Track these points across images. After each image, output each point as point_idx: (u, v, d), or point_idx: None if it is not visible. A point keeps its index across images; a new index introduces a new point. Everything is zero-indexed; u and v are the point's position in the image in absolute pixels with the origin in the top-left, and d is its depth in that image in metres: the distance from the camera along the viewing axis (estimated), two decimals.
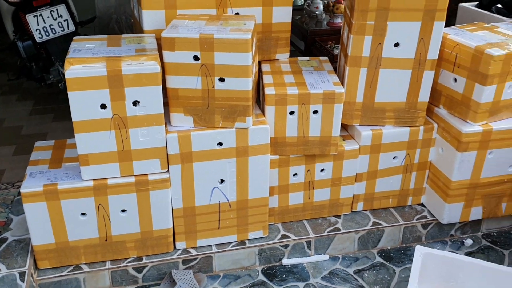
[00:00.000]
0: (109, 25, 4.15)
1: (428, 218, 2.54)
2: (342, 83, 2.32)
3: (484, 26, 2.51)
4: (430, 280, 2.11)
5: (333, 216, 2.55)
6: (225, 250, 2.32)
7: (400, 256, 2.47)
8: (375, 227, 2.48)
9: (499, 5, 2.97)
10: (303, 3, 4.74)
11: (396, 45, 2.21)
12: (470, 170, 2.35)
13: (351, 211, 2.56)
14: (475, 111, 2.24)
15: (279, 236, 2.40)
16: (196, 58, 1.95)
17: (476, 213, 2.50)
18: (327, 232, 2.44)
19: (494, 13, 2.95)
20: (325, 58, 2.58)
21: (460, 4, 3.23)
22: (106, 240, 2.16)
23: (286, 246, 2.39)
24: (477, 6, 3.15)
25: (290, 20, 2.39)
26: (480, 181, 2.40)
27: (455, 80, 2.31)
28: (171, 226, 2.23)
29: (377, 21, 2.16)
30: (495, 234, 2.64)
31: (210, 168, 2.15)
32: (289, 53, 2.49)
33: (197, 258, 2.29)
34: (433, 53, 2.23)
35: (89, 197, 2.05)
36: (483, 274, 2.05)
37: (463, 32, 2.39)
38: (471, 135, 2.26)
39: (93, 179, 2.03)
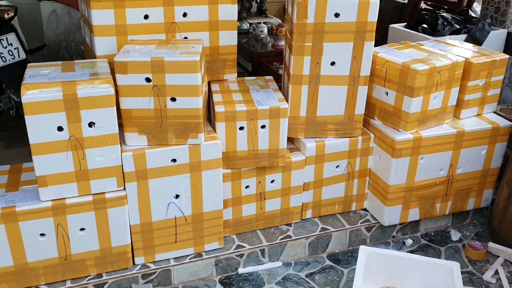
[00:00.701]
0: (59, 52, 4.19)
1: (371, 222, 2.75)
2: (287, 100, 2.50)
3: (410, 44, 2.78)
4: (374, 277, 2.29)
5: (285, 224, 2.70)
6: (183, 263, 2.41)
7: (348, 258, 2.65)
8: (323, 232, 2.66)
9: (424, 25, 3.28)
10: (248, 27, 4.97)
11: (333, 63, 2.42)
12: (405, 174, 2.58)
13: (301, 218, 2.73)
14: (406, 120, 2.48)
15: (234, 247, 2.53)
16: (148, 80, 2.08)
17: (413, 214, 2.73)
18: (280, 240, 2.59)
19: (420, 32, 3.26)
20: (270, 77, 2.77)
21: (391, 25, 3.53)
22: (65, 259, 2.22)
23: (241, 256, 2.52)
24: (405, 26, 3.45)
25: (236, 43, 2.57)
26: (415, 184, 2.63)
27: (387, 93, 2.55)
28: (130, 242, 2.31)
29: (314, 43, 2.37)
30: (432, 233, 2.87)
31: (165, 184, 2.26)
32: (236, 74, 2.66)
33: (156, 272, 2.37)
34: (365, 70, 2.46)
35: (48, 217, 2.11)
36: (420, 268, 2.26)
37: (391, 50, 2.65)
38: (403, 142, 2.49)
39: (52, 200, 2.10)
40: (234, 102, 2.36)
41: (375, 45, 2.64)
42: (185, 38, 2.42)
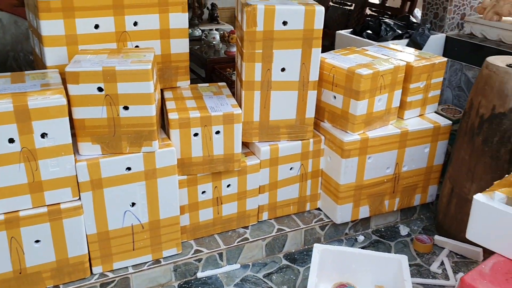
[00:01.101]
0: (7, 63, 4.08)
1: (324, 220, 2.85)
2: (240, 105, 2.57)
3: (355, 50, 2.92)
4: (328, 274, 2.39)
5: (242, 227, 2.76)
6: (141, 270, 2.43)
7: (303, 257, 2.74)
8: (279, 233, 2.73)
9: (369, 31, 3.43)
10: (201, 34, 5.01)
11: (283, 70, 2.51)
12: (354, 173, 2.70)
13: (258, 221, 2.80)
14: (353, 122, 2.60)
15: (192, 251, 2.56)
16: (100, 89, 2.09)
17: (364, 211, 2.85)
18: (237, 243, 2.64)
19: (365, 38, 3.41)
20: (223, 83, 2.83)
21: (337, 31, 3.68)
22: (20, 273, 2.19)
23: (199, 260, 2.55)
24: (351, 32, 3.60)
25: (188, 51, 2.61)
26: (364, 182, 2.75)
27: (335, 97, 2.66)
28: (87, 251, 2.30)
29: (264, 50, 2.44)
30: (382, 229, 3.01)
31: (121, 193, 2.27)
32: (189, 81, 2.71)
33: (115, 280, 2.37)
34: (314, 75, 2.56)
35: (1, 231, 2.07)
36: (371, 262, 2.37)
37: (338, 56, 2.77)
38: (351, 143, 2.61)
39: (4, 213, 2.07)
40: (188, 109, 2.40)
41: (325, 51, 2.76)
42: (137, 46, 2.44)
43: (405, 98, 2.80)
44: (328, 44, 4.04)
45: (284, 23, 2.41)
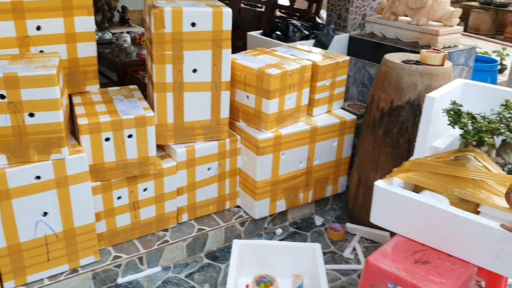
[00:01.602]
0: None
1: (244, 217, 2.92)
2: (152, 108, 2.56)
3: (265, 50, 3.02)
4: (248, 267, 2.45)
5: (161, 230, 2.76)
6: (58, 281, 2.35)
7: (225, 254, 2.79)
8: (200, 233, 2.76)
9: (278, 32, 3.56)
10: (111, 37, 4.90)
11: (194, 71, 2.55)
12: (270, 170, 2.80)
13: (177, 222, 2.81)
14: (266, 121, 2.69)
15: (111, 258, 2.52)
16: (2, 96, 2.00)
17: (281, 205, 2.96)
18: (157, 246, 2.64)
19: (274, 39, 3.53)
20: (135, 86, 2.80)
21: (248, 33, 3.77)
22: None
23: (119, 266, 2.52)
24: (261, 33, 3.71)
25: (96, 54, 2.57)
26: (279, 178, 2.86)
27: (247, 97, 2.74)
28: None
29: (174, 51, 2.46)
30: (299, 221, 3.14)
31: (31, 203, 2.18)
32: (99, 85, 2.66)
33: None
34: (226, 76, 2.62)
35: None
36: (288, 252, 2.47)
37: (248, 56, 2.85)
38: (265, 141, 2.70)
39: None
40: (98, 114, 2.36)
41: (238, 51, 2.83)
42: (41, 51, 2.36)
43: (313, 96, 2.94)
44: (242, 45, 4.13)
45: (193, 24, 2.44)
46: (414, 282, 1.76)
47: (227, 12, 2.50)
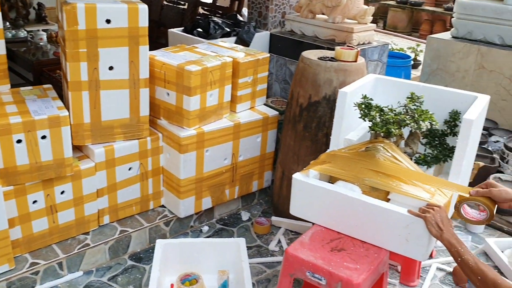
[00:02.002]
0: None
1: (169, 216, 2.89)
2: (68, 107, 2.47)
3: (185, 47, 3.00)
4: (173, 267, 2.43)
5: (82, 233, 2.67)
6: None
7: (149, 255, 2.74)
8: (123, 234, 2.70)
9: (199, 29, 3.55)
10: (26, 35, 4.65)
11: (111, 68, 2.48)
12: (193, 167, 2.79)
13: (99, 225, 2.73)
14: (187, 118, 2.68)
15: (27, 265, 2.41)
16: None
17: (206, 203, 2.96)
18: (77, 250, 2.55)
19: (195, 36, 3.52)
20: (49, 85, 2.69)
21: (169, 30, 3.73)
22: None
23: (36, 273, 2.41)
24: (183, 30, 3.68)
25: (5, 53, 2.44)
26: (204, 175, 2.86)
27: (168, 94, 2.71)
28: None
29: (89, 48, 2.39)
30: (226, 217, 3.16)
31: None
32: (9, 85, 2.53)
33: None
34: (144, 73, 2.58)
35: None
36: (213, 249, 2.48)
37: (168, 53, 2.82)
38: (187, 138, 2.69)
39: None
40: (8, 115, 2.24)
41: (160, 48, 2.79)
42: None
43: (236, 92, 2.97)
44: (165, 42, 4.08)
45: (108, 21, 2.38)
46: (330, 269, 1.84)
47: (143, 8, 2.46)
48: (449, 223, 1.78)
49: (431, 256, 2.81)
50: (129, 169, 2.73)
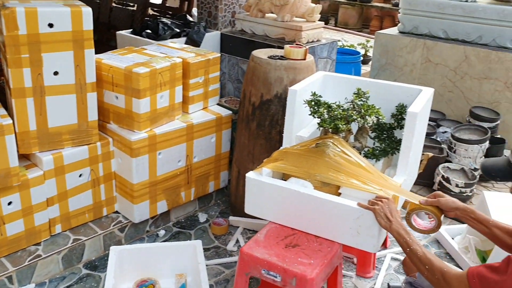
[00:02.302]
0: None
1: (123, 222, 2.84)
2: (12, 115, 2.38)
3: (133, 49, 2.95)
4: (129, 274, 2.39)
5: (33, 245, 2.58)
6: None
7: (105, 262, 2.68)
8: (76, 243, 2.63)
9: (148, 31, 3.50)
10: None
11: (56, 73, 2.41)
12: (146, 171, 2.75)
13: (50, 235, 2.64)
14: (138, 121, 2.64)
15: None
16: None
17: (162, 206, 2.92)
18: (28, 262, 2.46)
19: (144, 37, 3.47)
20: None
21: (118, 32, 3.66)
22: None
23: None
24: (131, 32, 3.62)
25: None
26: (157, 178, 2.82)
27: (117, 97, 2.66)
28: None
29: (32, 54, 2.31)
30: (183, 220, 3.13)
31: None
32: None
33: None
34: (90, 77, 2.52)
35: None
36: (169, 253, 2.46)
37: (115, 56, 2.77)
38: (139, 142, 2.65)
39: None
40: None
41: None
42: None
43: (187, 93, 2.94)
44: (115, 45, 4.00)
45: (50, 25, 2.31)
46: (284, 266, 1.85)
47: (87, 11, 2.40)
48: (398, 214, 1.83)
49: (385, 247, 2.89)
50: (80, 175, 2.66)
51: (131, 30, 3.66)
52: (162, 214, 3.00)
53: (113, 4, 5.33)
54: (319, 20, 3.46)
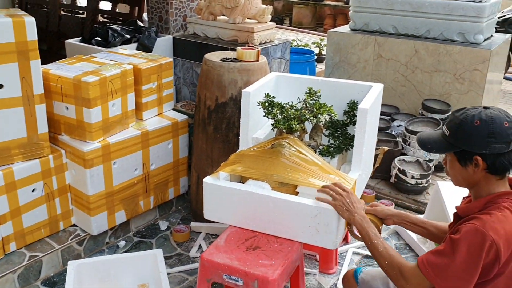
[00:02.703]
0: None
1: (81, 235, 2.76)
2: None
3: (82, 58, 2.88)
4: (88, 286, 2.33)
5: None
6: None
7: (64, 278, 2.56)
8: (32, 260, 2.54)
9: (98, 38, 3.42)
10: None
11: (1, 86, 2.32)
12: (102, 182, 2.68)
13: (4, 254, 2.54)
14: (90, 131, 2.57)
15: None
16: None
17: (120, 216, 2.86)
18: None
19: (94, 45, 3.39)
20: None
21: (66, 41, 3.57)
22: None
23: None
24: (80, 40, 3.54)
25: None
26: (114, 189, 2.76)
27: (67, 108, 2.59)
28: None
29: None
30: (143, 229, 3.07)
31: None
32: None
33: None
34: (38, 89, 2.44)
35: None
36: (129, 263, 2.41)
37: (63, 65, 2.70)
38: (92, 152, 2.58)
39: None
40: None
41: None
42: None
43: (140, 100, 2.90)
44: (66, 55, 3.89)
45: None
46: (246, 269, 1.85)
47: (30, 21, 2.33)
48: (361, 205, 1.84)
49: (346, 242, 2.93)
50: (33, 190, 2.57)
51: (80, 38, 3.57)
52: (121, 225, 2.94)
53: (62, 12, 5.19)
54: (273, 21, 3.48)
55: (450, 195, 2.67)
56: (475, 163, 1.52)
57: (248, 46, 2.90)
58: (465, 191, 1.68)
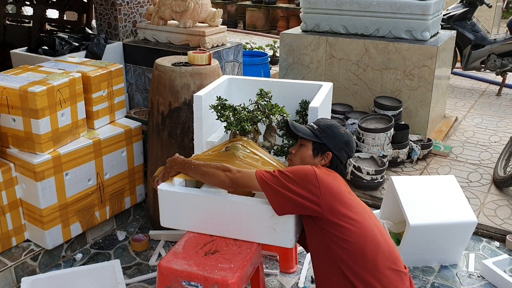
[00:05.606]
0: None
1: (36, 250, 2.67)
2: None
3: (29, 67, 2.79)
4: None
5: None
6: None
7: None
8: None
9: (45, 47, 3.32)
10: None
11: None
12: (54, 194, 2.60)
13: None
14: (39, 142, 2.50)
15: None
16: None
17: (75, 229, 2.78)
18: None
19: (41, 54, 3.29)
20: None
21: (12, 51, 3.45)
22: None
23: None
24: (27, 50, 3.42)
25: None
26: (67, 200, 2.68)
27: (14, 120, 2.50)
28: None
29: None
30: (101, 240, 3.00)
31: None
32: None
33: None
34: None
35: None
36: (86, 276, 2.35)
37: (8, 76, 2.60)
38: (42, 164, 2.50)
39: None
40: None
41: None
42: None
43: (91, 108, 2.83)
44: (12, 66, 3.76)
45: None
46: (205, 274, 1.84)
47: None
48: (173, 162, 2.07)
49: None
50: None
51: (26, 48, 3.45)
52: (77, 237, 2.86)
53: (7, 22, 5.01)
54: (227, 24, 3.48)
55: (403, 188, 2.74)
56: (325, 157, 1.96)
57: (200, 50, 2.89)
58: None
